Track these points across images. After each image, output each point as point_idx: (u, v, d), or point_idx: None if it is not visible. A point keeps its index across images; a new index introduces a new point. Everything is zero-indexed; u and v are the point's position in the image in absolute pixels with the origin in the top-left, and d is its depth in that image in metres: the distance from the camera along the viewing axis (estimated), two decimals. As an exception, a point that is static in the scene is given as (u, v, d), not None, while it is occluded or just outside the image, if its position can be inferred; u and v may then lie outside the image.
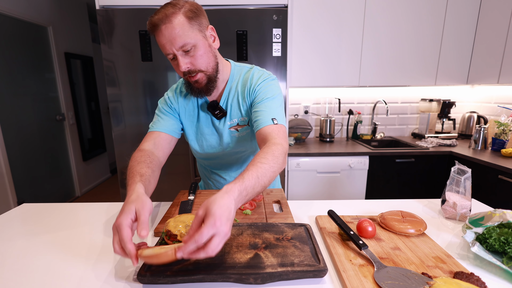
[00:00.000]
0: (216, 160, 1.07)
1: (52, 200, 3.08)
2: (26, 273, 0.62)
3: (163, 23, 0.77)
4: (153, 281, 0.55)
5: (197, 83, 0.87)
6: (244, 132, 0.98)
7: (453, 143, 2.16)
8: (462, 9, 2.14)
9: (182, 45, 0.79)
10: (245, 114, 0.96)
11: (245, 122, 0.97)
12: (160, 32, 0.78)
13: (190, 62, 0.83)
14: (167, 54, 0.82)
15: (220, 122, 0.97)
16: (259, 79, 0.93)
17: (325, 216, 0.84)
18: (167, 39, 0.78)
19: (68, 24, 3.32)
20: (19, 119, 2.68)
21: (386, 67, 2.23)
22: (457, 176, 0.87)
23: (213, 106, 0.94)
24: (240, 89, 0.96)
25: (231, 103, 0.96)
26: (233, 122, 0.97)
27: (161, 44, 0.80)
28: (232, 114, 0.97)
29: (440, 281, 0.52)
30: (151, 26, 0.79)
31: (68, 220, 0.89)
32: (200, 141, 1.01)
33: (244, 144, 1.00)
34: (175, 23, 0.78)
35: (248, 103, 0.95)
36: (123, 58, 1.79)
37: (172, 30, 0.77)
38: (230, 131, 0.98)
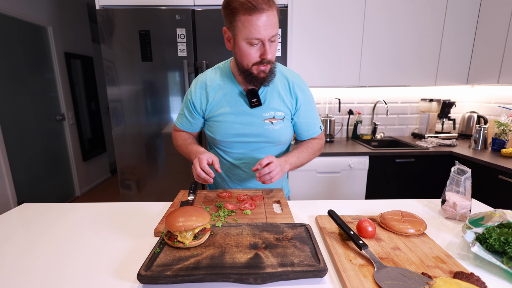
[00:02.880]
0: (239, 150, 1.05)
1: (52, 200, 3.08)
2: (26, 273, 0.62)
3: (267, 9, 0.79)
4: (153, 281, 0.55)
5: (264, 72, 0.90)
6: (277, 126, 1.00)
7: (453, 143, 2.16)
8: (462, 9, 2.14)
9: (274, 35, 0.83)
10: (283, 109, 1.00)
11: (281, 117, 1.00)
12: (260, 15, 0.79)
13: (272, 52, 0.87)
14: (255, 39, 0.82)
15: (255, 111, 0.98)
16: (300, 83, 1.02)
17: (325, 216, 0.84)
18: (266, 24, 0.80)
19: (68, 24, 3.32)
20: (19, 119, 2.68)
21: (386, 67, 2.23)
22: (457, 176, 0.87)
23: (253, 94, 0.95)
24: (280, 85, 1.00)
25: (270, 96, 0.98)
26: (269, 114, 0.99)
27: (256, 26, 0.80)
28: (269, 106, 0.99)
29: (440, 281, 0.52)
30: (250, 6, 0.78)
31: (68, 220, 0.89)
32: (227, 128, 1.00)
33: (274, 137, 1.01)
34: (273, 12, 0.81)
35: (289, 101, 1.00)
36: (123, 58, 1.79)
37: (273, 18, 0.81)
38: (264, 122, 0.99)
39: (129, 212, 0.94)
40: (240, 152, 1.05)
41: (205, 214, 0.69)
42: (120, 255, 0.68)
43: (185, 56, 1.79)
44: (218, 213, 0.85)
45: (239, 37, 0.84)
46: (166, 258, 0.61)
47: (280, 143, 1.05)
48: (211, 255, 0.62)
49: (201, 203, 0.95)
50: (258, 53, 0.85)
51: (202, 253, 0.63)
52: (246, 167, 1.08)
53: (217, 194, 1.02)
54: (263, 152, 1.05)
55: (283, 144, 1.08)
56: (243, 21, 0.81)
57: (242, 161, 1.07)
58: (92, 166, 3.82)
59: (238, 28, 0.83)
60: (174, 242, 0.65)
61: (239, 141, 1.02)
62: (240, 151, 1.05)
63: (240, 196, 0.98)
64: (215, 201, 0.96)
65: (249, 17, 0.79)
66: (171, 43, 1.77)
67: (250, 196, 0.99)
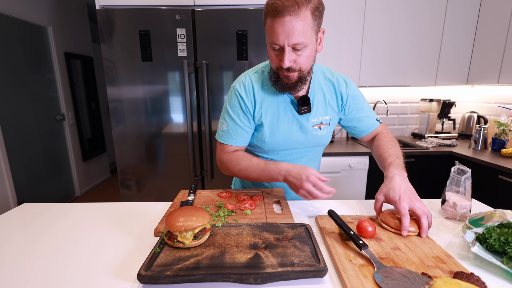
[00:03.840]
0: (284, 157, 1.03)
1: (52, 200, 3.08)
2: (26, 273, 0.62)
3: (289, 13, 0.72)
4: (153, 281, 0.55)
5: (288, 79, 0.84)
6: (324, 131, 0.99)
7: (453, 143, 2.16)
8: (462, 9, 2.14)
9: (297, 43, 0.76)
10: (330, 113, 0.98)
11: (328, 121, 0.98)
12: (281, 20, 0.74)
13: (294, 60, 0.80)
14: (275, 44, 0.78)
15: (303, 118, 0.96)
16: (345, 82, 0.98)
17: (325, 216, 0.84)
18: (286, 31, 0.74)
19: (68, 24, 3.32)
20: (19, 119, 2.68)
21: (386, 67, 2.23)
22: (457, 176, 0.87)
23: (305, 101, 0.92)
24: (326, 89, 0.97)
25: (317, 101, 0.96)
26: (317, 120, 0.97)
27: (274, 31, 0.76)
28: (317, 112, 0.97)
29: (440, 281, 0.52)
30: (274, 9, 0.74)
31: (68, 220, 0.89)
32: (276, 136, 0.96)
33: (320, 141, 1.01)
34: (301, 17, 0.73)
35: (336, 104, 0.98)
36: (123, 58, 1.79)
37: (296, 24, 0.73)
38: (313, 129, 0.97)
39: (129, 212, 0.94)
40: (285, 159, 1.03)
41: (205, 214, 0.69)
42: (120, 255, 0.68)
43: (185, 56, 1.79)
44: (218, 213, 0.85)
45: (267, 39, 0.82)
46: (166, 258, 0.61)
47: (324, 145, 1.06)
48: (211, 255, 0.62)
49: (201, 203, 0.95)
50: (278, 58, 0.81)
51: (202, 253, 0.63)
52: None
53: (217, 194, 1.02)
54: (306, 157, 1.05)
55: (324, 146, 1.08)
56: (268, 24, 0.79)
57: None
58: (92, 166, 3.82)
59: (266, 30, 0.81)
60: (174, 242, 0.65)
61: (287, 148, 1.00)
62: (286, 158, 1.03)
63: (240, 196, 0.98)
64: (215, 201, 0.96)
65: (271, 21, 0.76)
66: (171, 43, 1.77)
67: (250, 196, 0.99)
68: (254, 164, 0.93)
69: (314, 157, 1.08)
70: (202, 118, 1.88)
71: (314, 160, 1.09)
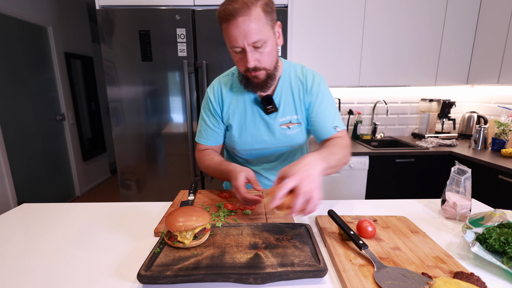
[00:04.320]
0: (258, 157, 1.05)
1: (52, 200, 3.08)
2: (26, 273, 0.62)
3: (241, 14, 0.74)
4: (153, 281, 0.55)
5: (257, 78, 0.86)
6: (295, 130, 0.98)
7: (453, 143, 2.16)
8: (462, 9, 2.14)
9: (256, 41, 0.77)
10: (299, 112, 0.97)
11: (298, 120, 0.98)
12: (235, 23, 0.75)
13: (258, 59, 0.81)
14: (235, 47, 0.79)
15: (270, 118, 0.96)
16: (314, 81, 0.96)
17: (325, 216, 0.84)
18: (242, 32, 0.75)
19: (68, 24, 3.32)
20: (19, 119, 2.68)
21: (386, 67, 2.23)
22: (457, 176, 0.87)
23: (268, 101, 0.93)
24: (295, 88, 0.96)
25: (284, 100, 0.96)
26: (285, 119, 0.97)
27: (232, 35, 0.77)
28: (285, 111, 0.96)
29: (440, 281, 0.52)
30: (226, 14, 0.75)
31: (68, 220, 0.89)
32: (245, 136, 0.99)
33: (292, 141, 1.00)
34: (253, 16, 0.75)
35: (303, 103, 0.96)
36: (123, 58, 1.79)
37: (250, 23, 0.74)
38: (281, 128, 0.97)
39: (129, 212, 0.94)
40: (260, 158, 1.04)
41: (205, 214, 0.69)
42: (120, 255, 0.68)
43: (185, 56, 1.79)
44: (218, 213, 0.85)
45: (227, 45, 0.83)
46: (166, 258, 0.61)
47: (299, 146, 1.04)
48: (211, 255, 0.62)
49: (201, 203, 0.95)
50: (243, 60, 0.82)
51: (202, 253, 0.63)
52: (267, 173, 1.07)
53: (217, 194, 1.02)
54: (281, 156, 1.05)
55: (302, 148, 1.07)
56: (224, 30, 0.79)
57: (262, 167, 1.06)
58: (92, 166, 3.82)
59: (224, 37, 0.82)
60: (174, 242, 0.65)
61: (258, 148, 1.01)
62: (260, 157, 1.04)
63: (240, 196, 0.98)
64: (215, 201, 0.96)
65: (225, 25, 0.77)
66: (171, 43, 1.77)
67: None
68: (214, 162, 0.97)
69: (291, 156, 1.06)
70: (202, 118, 1.88)
71: (291, 160, 1.07)
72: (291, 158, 1.07)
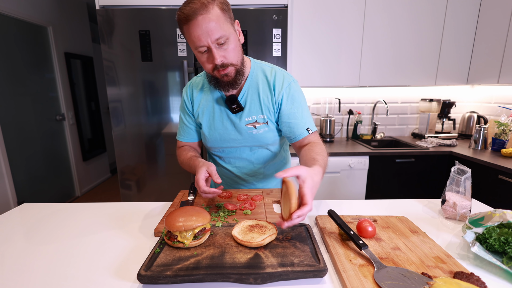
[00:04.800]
0: (229, 155, 1.06)
1: (52, 200, 3.08)
2: (26, 273, 0.62)
3: (200, 13, 0.75)
4: (153, 281, 0.55)
5: (227, 76, 0.87)
6: (261, 130, 0.99)
7: (453, 143, 2.16)
8: (462, 9, 2.14)
9: (219, 37, 0.79)
10: (265, 112, 0.97)
11: (264, 120, 0.98)
12: (195, 23, 0.76)
13: (224, 55, 0.83)
14: (200, 47, 0.80)
15: (237, 117, 0.98)
16: (284, 82, 0.95)
17: (325, 216, 0.84)
18: (204, 30, 0.77)
19: (68, 24, 3.32)
20: (19, 119, 2.68)
21: (386, 67, 2.23)
22: (457, 176, 0.87)
23: (232, 100, 0.95)
24: (262, 88, 0.96)
25: (251, 100, 0.97)
26: (251, 118, 0.98)
27: (195, 35, 0.78)
28: (251, 111, 0.97)
29: (440, 281, 0.52)
30: (185, 16, 0.76)
31: (68, 220, 0.89)
32: (213, 134, 1.02)
33: (259, 140, 1.01)
34: (212, 13, 0.77)
35: (271, 104, 0.96)
36: (123, 58, 1.79)
37: (209, 21, 0.76)
38: (247, 127, 0.98)
39: (129, 212, 0.94)
40: (231, 156, 1.07)
41: (205, 214, 0.69)
42: (120, 255, 0.68)
43: (185, 56, 1.79)
44: (218, 213, 0.85)
45: (192, 48, 0.84)
46: (166, 258, 0.61)
47: (269, 145, 1.04)
48: (211, 255, 0.62)
49: (201, 203, 0.95)
50: (209, 59, 0.83)
51: (202, 253, 0.63)
52: (238, 171, 1.09)
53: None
54: (252, 155, 1.05)
55: (272, 146, 1.05)
56: (185, 32, 0.80)
57: (234, 164, 1.08)
58: (92, 166, 3.82)
59: (187, 40, 0.82)
60: (174, 242, 0.65)
61: (226, 146, 1.03)
62: (231, 155, 1.06)
63: (240, 196, 0.98)
64: (215, 201, 0.96)
65: (186, 27, 0.78)
66: (171, 43, 1.77)
67: (250, 196, 0.99)
68: (187, 158, 1.01)
69: (263, 156, 1.06)
70: (202, 118, 1.88)
71: (263, 159, 1.07)
72: (265, 157, 1.07)
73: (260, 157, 1.06)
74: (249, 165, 1.07)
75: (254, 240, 0.65)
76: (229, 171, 1.10)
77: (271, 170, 1.11)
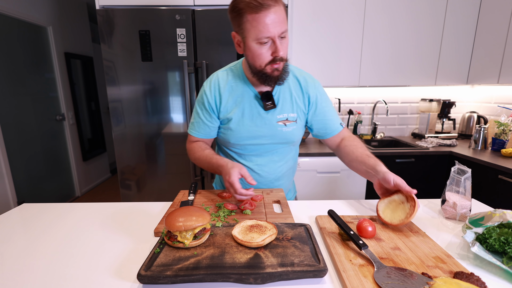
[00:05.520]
0: (251, 152, 1.05)
1: (52, 200, 3.08)
2: (26, 273, 0.62)
3: (273, 5, 0.77)
4: (153, 281, 0.55)
5: (277, 71, 0.88)
6: (291, 128, 1.00)
7: (453, 143, 2.16)
8: (462, 9, 2.14)
9: (284, 31, 0.81)
10: (296, 110, 1.00)
11: (294, 118, 1.00)
12: (268, 13, 0.77)
13: (282, 49, 0.84)
14: (265, 37, 0.80)
15: (268, 114, 0.98)
16: (314, 83, 1.02)
17: (325, 216, 0.84)
18: (275, 21, 0.78)
19: (68, 24, 3.32)
20: (19, 119, 2.68)
21: (386, 67, 2.23)
22: (457, 176, 0.87)
23: (268, 97, 0.95)
24: (293, 87, 1.00)
25: (283, 98, 0.98)
26: (282, 116, 0.99)
27: (264, 25, 0.78)
28: (283, 109, 0.99)
29: (440, 281, 0.52)
30: (257, 4, 0.76)
31: (68, 220, 0.89)
32: (242, 130, 1.00)
33: (287, 138, 1.02)
34: (281, 7, 0.79)
35: (302, 103, 1.00)
36: (123, 58, 1.79)
37: (281, 13, 0.79)
38: (277, 124, 0.99)
39: (129, 212, 0.94)
40: (253, 154, 1.05)
41: (205, 214, 0.69)
42: (120, 255, 0.68)
43: (185, 56, 1.79)
44: (218, 213, 0.85)
45: (248, 39, 0.83)
46: (166, 258, 0.61)
47: (293, 143, 1.07)
48: (211, 255, 0.62)
49: (201, 203, 0.95)
50: (269, 51, 0.84)
51: (202, 253, 0.63)
52: (258, 169, 1.07)
53: (217, 194, 1.02)
54: (274, 153, 1.06)
55: (295, 144, 1.09)
56: (250, 21, 0.80)
57: (255, 162, 1.07)
58: (92, 166, 3.82)
59: (247, 30, 0.82)
60: (174, 242, 0.65)
61: (253, 143, 1.02)
62: (253, 153, 1.05)
63: (240, 196, 0.98)
64: (215, 201, 0.96)
65: (256, 16, 0.78)
66: (171, 43, 1.77)
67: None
68: (205, 155, 1.00)
69: (284, 154, 1.08)
70: (202, 118, 1.88)
71: (283, 157, 1.08)
72: (285, 156, 1.08)
73: (281, 154, 1.07)
74: (270, 163, 1.07)
75: (254, 240, 0.65)
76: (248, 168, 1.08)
77: (287, 167, 1.12)
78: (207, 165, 0.99)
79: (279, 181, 1.12)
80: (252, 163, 1.07)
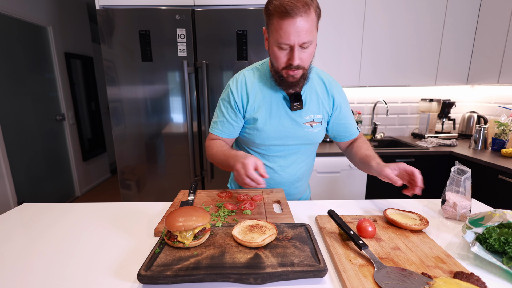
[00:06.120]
0: (275, 153, 1.04)
1: (52, 200, 3.08)
2: (26, 273, 0.62)
3: (300, 14, 0.76)
4: (153, 281, 0.55)
5: (293, 77, 0.88)
6: (316, 129, 1.01)
7: (453, 143, 2.16)
8: (462, 9, 2.14)
9: (306, 42, 0.80)
10: (322, 112, 1.01)
11: (320, 120, 1.01)
12: (292, 21, 0.76)
13: (301, 58, 0.83)
14: (284, 44, 0.80)
15: (295, 115, 0.98)
16: (338, 86, 1.03)
17: (325, 216, 0.84)
18: (297, 30, 0.77)
19: (68, 24, 3.32)
20: (19, 119, 2.68)
21: (386, 67, 2.23)
22: (457, 176, 0.87)
23: (297, 97, 0.94)
24: (320, 89, 1.00)
25: (309, 100, 0.99)
26: (309, 117, 0.99)
27: (285, 31, 0.78)
28: (309, 110, 0.99)
29: (440, 281, 0.52)
30: (285, 10, 0.75)
31: (68, 220, 0.89)
32: (268, 130, 0.98)
33: (311, 139, 1.03)
34: (310, 17, 0.77)
35: (327, 105, 1.01)
36: (123, 58, 1.79)
37: (305, 24, 0.77)
38: (304, 125, 0.99)
39: (129, 212, 0.94)
40: (277, 154, 1.05)
41: (205, 214, 0.69)
42: (120, 255, 0.68)
43: (185, 56, 1.79)
44: (218, 213, 0.85)
45: (271, 40, 0.84)
46: (166, 258, 0.61)
47: (317, 143, 1.08)
48: (211, 255, 0.62)
49: (201, 203, 0.95)
50: (286, 57, 0.84)
51: (202, 253, 0.63)
52: (281, 170, 1.07)
53: (217, 194, 1.02)
54: (298, 154, 1.06)
55: (317, 145, 1.11)
56: (275, 25, 0.80)
57: (278, 163, 1.06)
58: (92, 166, 3.82)
59: (271, 31, 0.83)
60: (174, 242, 0.65)
61: (279, 143, 1.01)
62: (277, 153, 1.05)
63: (240, 196, 0.98)
64: (215, 201, 0.96)
65: (280, 21, 0.78)
66: (171, 43, 1.77)
67: (250, 196, 0.99)
68: (223, 150, 0.97)
69: (306, 155, 1.09)
70: (202, 118, 1.88)
71: (306, 158, 1.09)
72: (307, 156, 1.09)
73: (304, 155, 1.08)
74: (293, 164, 1.07)
75: (254, 240, 0.65)
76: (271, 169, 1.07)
77: (307, 168, 1.13)
78: (223, 157, 0.94)
79: (299, 182, 1.12)
80: (275, 164, 1.06)
